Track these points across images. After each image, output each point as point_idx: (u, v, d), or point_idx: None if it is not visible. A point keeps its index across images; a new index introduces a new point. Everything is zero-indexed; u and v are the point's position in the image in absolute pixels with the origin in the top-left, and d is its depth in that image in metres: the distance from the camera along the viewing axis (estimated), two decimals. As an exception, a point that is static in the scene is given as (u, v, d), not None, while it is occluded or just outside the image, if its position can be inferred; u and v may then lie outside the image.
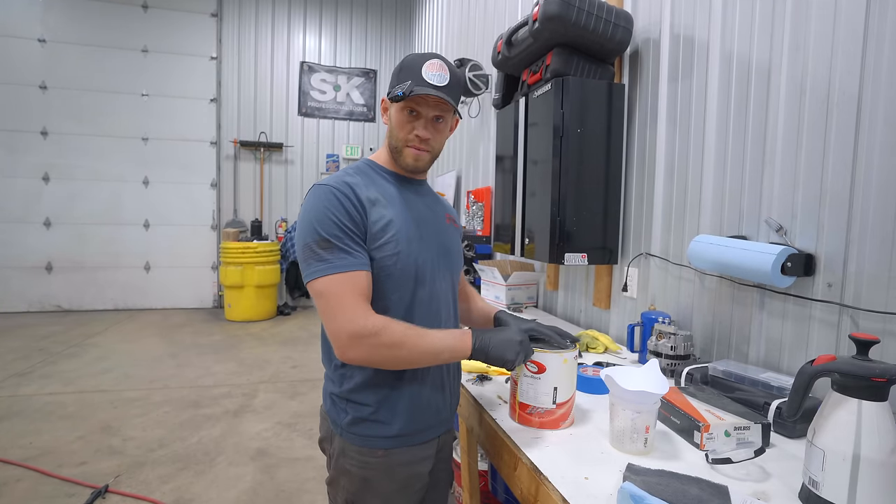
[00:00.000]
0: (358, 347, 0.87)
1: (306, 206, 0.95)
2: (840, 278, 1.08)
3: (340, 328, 0.87)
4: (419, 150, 1.00)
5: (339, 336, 0.88)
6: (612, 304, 1.93)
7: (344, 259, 0.89)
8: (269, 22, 6.21)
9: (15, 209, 5.58)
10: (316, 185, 0.96)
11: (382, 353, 0.89)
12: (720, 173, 1.41)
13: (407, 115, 0.98)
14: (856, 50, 1.04)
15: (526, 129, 1.94)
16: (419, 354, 0.91)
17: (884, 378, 0.67)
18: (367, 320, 0.87)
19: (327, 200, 0.92)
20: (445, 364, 1.05)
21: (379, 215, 0.95)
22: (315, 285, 0.89)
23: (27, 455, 2.44)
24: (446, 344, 0.93)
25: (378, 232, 0.94)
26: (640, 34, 1.76)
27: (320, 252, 0.89)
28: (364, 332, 0.86)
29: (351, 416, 0.98)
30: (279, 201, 6.34)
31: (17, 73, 5.48)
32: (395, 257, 0.95)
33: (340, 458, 1.00)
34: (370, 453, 0.97)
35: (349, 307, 0.87)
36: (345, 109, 6.52)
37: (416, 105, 0.97)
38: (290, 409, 3.15)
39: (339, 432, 0.99)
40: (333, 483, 1.03)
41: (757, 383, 1.10)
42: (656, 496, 0.70)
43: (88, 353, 4.14)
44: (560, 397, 1.00)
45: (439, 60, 0.97)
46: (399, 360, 0.91)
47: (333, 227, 0.90)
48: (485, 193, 3.34)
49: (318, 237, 0.90)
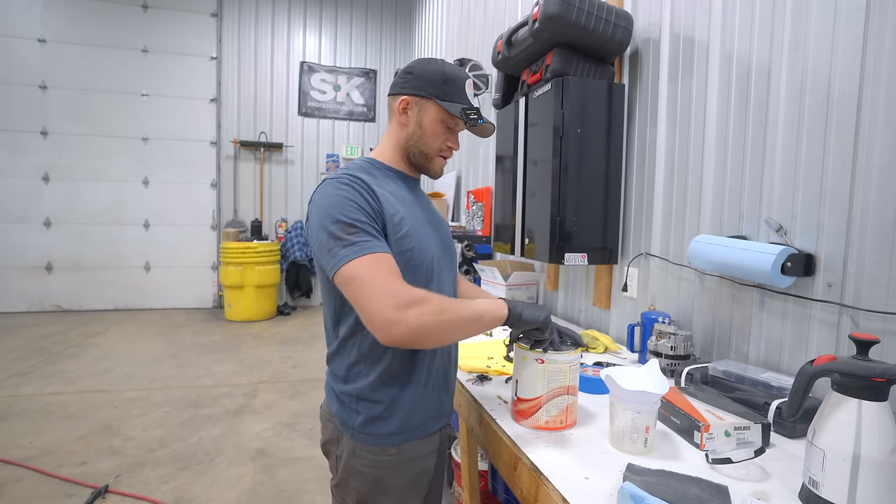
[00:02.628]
0: (405, 319, 0.83)
1: (322, 198, 0.93)
2: (840, 278, 1.08)
3: (384, 305, 0.83)
4: (446, 160, 1.08)
5: (382, 313, 0.83)
6: (612, 304, 1.93)
7: (372, 241, 0.88)
8: (269, 22, 6.21)
9: (15, 209, 5.58)
10: (327, 180, 0.96)
11: (431, 321, 0.85)
12: (720, 173, 1.41)
13: (444, 127, 1.03)
14: (856, 50, 1.04)
15: (526, 129, 1.94)
16: (463, 319, 0.90)
17: (884, 378, 0.67)
18: (410, 291, 0.86)
19: (345, 190, 0.92)
20: (448, 359, 1.07)
21: (394, 210, 0.95)
22: (346, 270, 0.85)
23: (27, 455, 2.44)
24: (485, 307, 0.94)
25: (395, 226, 0.94)
26: (640, 34, 1.76)
27: (347, 237, 0.87)
28: (410, 302, 0.84)
29: (363, 415, 0.97)
30: (279, 201, 6.34)
31: (17, 73, 5.48)
32: (411, 252, 0.96)
33: (351, 460, 0.99)
34: (383, 451, 0.98)
35: (389, 283, 0.85)
36: (345, 109, 6.51)
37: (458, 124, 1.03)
38: (290, 409, 3.15)
39: (350, 433, 0.99)
40: (342, 485, 1.02)
41: (757, 383, 1.10)
42: (656, 496, 0.70)
43: (88, 353, 4.14)
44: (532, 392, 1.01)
45: (470, 80, 1.04)
46: (446, 326, 0.89)
47: (357, 212, 0.89)
48: (485, 193, 3.34)
49: (343, 223, 0.88)
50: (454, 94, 1.01)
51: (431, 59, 1.04)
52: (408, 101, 1.02)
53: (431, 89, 1.00)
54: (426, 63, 1.03)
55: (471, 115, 1.00)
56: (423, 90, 1.01)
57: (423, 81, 1.00)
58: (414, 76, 1.02)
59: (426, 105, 1.01)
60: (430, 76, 1.01)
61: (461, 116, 1.00)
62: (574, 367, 1.02)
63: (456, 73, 1.02)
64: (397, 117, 1.04)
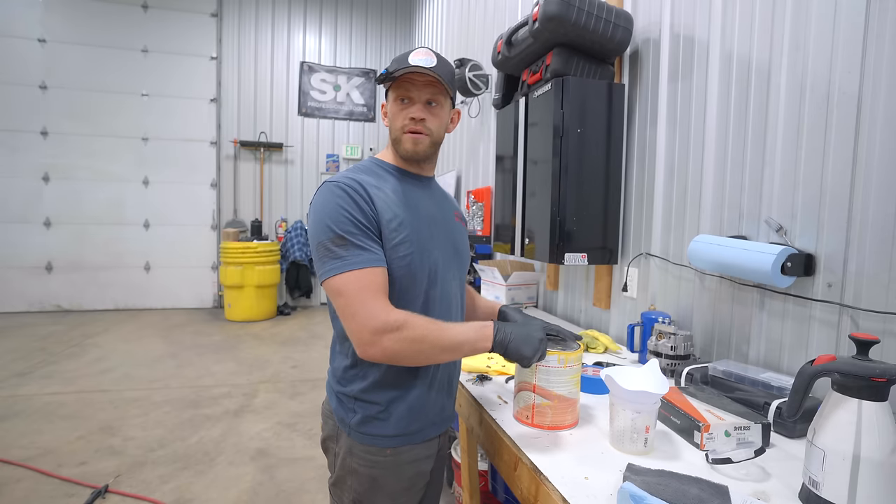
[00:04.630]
0: (381, 343, 0.85)
1: (317, 204, 0.93)
2: (840, 278, 1.08)
3: (362, 325, 0.85)
4: (416, 134, 0.99)
5: (361, 333, 0.86)
6: (612, 304, 1.93)
7: (360, 255, 0.88)
8: (269, 22, 6.21)
9: (15, 209, 5.58)
10: (326, 183, 0.95)
11: (405, 348, 0.86)
12: (720, 173, 1.41)
13: (400, 104, 0.99)
14: (856, 50, 1.04)
15: (526, 129, 1.94)
16: (441, 349, 0.90)
17: (884, 378, 0.67)
18: (389, 315, 0.86)
19: (339, 197, 0.91)
20: (453, 364, 1.07)
21: (392, 214, 0.94)
22: (332, 283, 0.88)
23: (27, 455, 2.44)
24: (467, 337, 0.92)
25: (392, 232, 0.93)
26: (640, 34, 1.76)
27: (335, 249, 0.88)
28: (387, 328, 0.85)
29: (360, 415, 0.97)
30: (279, 201, 6.34)
31: (17, 73, 5.48)
32: (408, 258, 0.95)
33: (348, 458, 0.99)
34: (379, 452, 0.98)
35: (369, 303, 0.86)
36: (345, 109, 6.52)
37: (406, 91, 0.98)
38: (290, 409, 3.14)
39: (348, 431, 0.99)
40: (339, 483, 1.02)
41: (757, 383, 1.10)
42: (656, 496, 0.70)
43: (89, 353, 4.14)
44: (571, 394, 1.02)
45: (426, 48, 0.99)
46: (421, 354, 0.89)
47: (347, 224, 0.89)
48: (485, 193, 3.34)
49: (332, 234, 0.88)
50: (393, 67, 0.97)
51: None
52: (384, 104, 1.04)
53: (385, 78, 0.98)
54: None
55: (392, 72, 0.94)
56: (382, 82, 0.99)
57: (383, 74, 0.97)
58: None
59: (387, 95, 1.02)
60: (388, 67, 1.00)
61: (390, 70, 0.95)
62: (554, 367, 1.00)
63: (405, 52, 0.99)
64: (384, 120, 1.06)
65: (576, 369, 1.02)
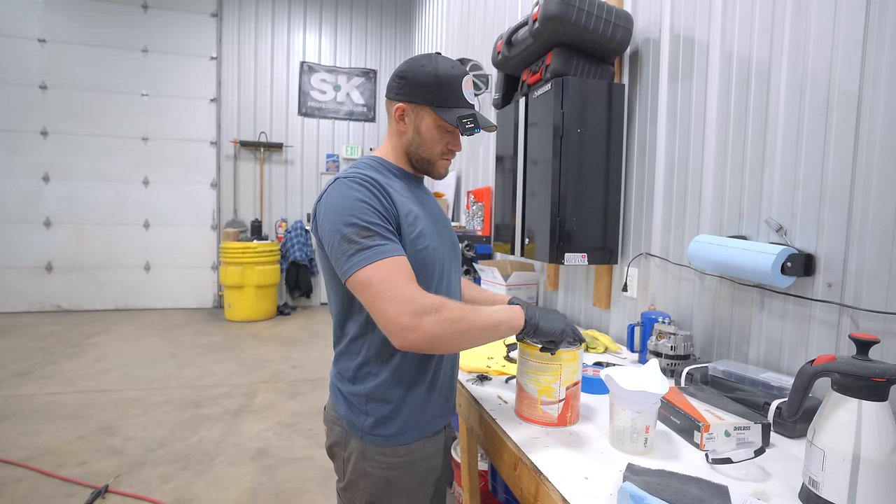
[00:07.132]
0: (422, 326, 0.83)
1: (333, 200, 0.91)
2: (840, 278, 1.08)
3: (399, 311, 0.83)
4: (450, 161, 1.06)
5: (398, 319, 0.83)
6: (612, 304, 1.93)
7: (387, 245, 0.88)
8: (269, 22, 6.21)
9: (15, 209, 5.58)
10: (339, 179, 0.94)
11: (447, 329, 0.85)
12: (720, 173, 1.41)
13: (443, 132, 1.01)
14: (856, 50, 1.04)
15: (526, 129, 1.94)
16: (481, 328, 0.90)
17: (884, 378, 0.67)
18: (426, 298, 0.85)
19: (357, 191, 0.90)
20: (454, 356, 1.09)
21: (408, 209, 0.95)
22: (362, 275, 0.85)
23: (27, 455, 2.44)
24: (501, 316, 0.93)
25: (409, 226, 0.94)
26: (640, 34, 1.76)
27: (362, 241, 0.86)
28: (425, 309, 0.83)
29: (373, 417, 0.97)
30: (279, 201, 6.34)
31: (17, 73, 5.48)
32: (424, 251, 0.96)
33: (360, 462, 0.98)
34: (393, 453, 0.97)
35: (404, 288, 0.84)
36: (345, 109, 6.52)
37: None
38: (290, 409, 3.14)
39: (360, 436, 0.98)
40: (351, 487, 1.01)
41: (757, 383, 1.10)
42: (656, 496, 0.70)
43: (88, 353, 4.14)
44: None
45: (469, 77, 1.00)
46: (461, 335, 0.88)
47: (371, 215, 0.89)
48: (485, 193, 3.34)
49: (357, 227, 0.87)
50: (450, 99, 0.97)
51: (427, 59, 0.98)
52: (403, 108, 0.99)
53: (426, 96, 0.97)
54: (419, 66, 0.97)
55: (467, 124, 0.96)
56: (418, 97, 0.97)
57: (417, 88, 0.97)
58: (407, 82, 0.98)
59: (422, 112, 0.99)
60: (424, 81, 0.96)
61: (457, 125, 0.96)
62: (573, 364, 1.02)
63: (451, 74, 0.97)
64: (394, 124, 1.02)
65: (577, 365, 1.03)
